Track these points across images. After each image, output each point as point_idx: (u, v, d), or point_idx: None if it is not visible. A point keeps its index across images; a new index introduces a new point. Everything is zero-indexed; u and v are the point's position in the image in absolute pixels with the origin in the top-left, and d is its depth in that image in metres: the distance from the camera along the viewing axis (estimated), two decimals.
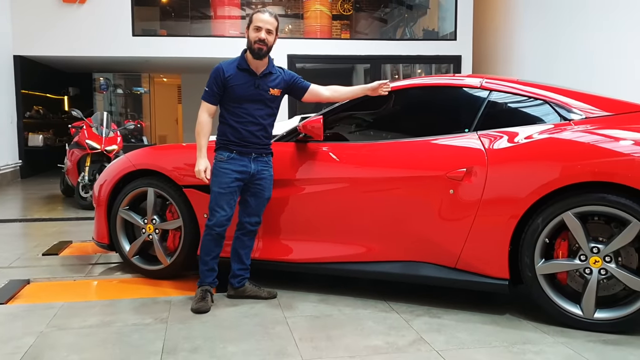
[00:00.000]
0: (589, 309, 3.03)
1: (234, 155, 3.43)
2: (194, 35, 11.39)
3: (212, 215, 3.43)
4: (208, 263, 3.50)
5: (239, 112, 3.44)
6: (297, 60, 11.40)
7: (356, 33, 12.93)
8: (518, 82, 3.54)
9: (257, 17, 3.46)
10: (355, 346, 2.87)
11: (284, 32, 12.78)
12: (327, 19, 11.91)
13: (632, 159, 2.93)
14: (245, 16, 12.01)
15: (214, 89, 3.44)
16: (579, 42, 10.20)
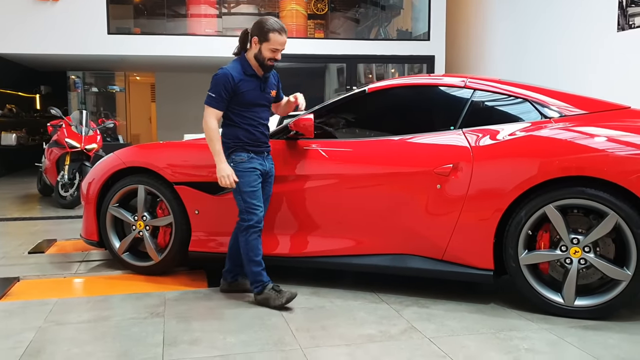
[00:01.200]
0: (569, 297, 3.20)
1: (252, 155, 3.46)
2: (169, 33, 11.36)
3: (252, 214, 3.40)
4: (261, 263, 3.45)
5: (249, 115, 3.46)
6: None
7: (330, 33, 13.06)
8: (500, 82, 3.70)
9: (276, 38, 3.40)
10: (349, 335, 2.99)
11: None
12: (303, 18, 12.02)
13: (607, 154, 3.11)
14: (221, 15, 12.04)
15: (223, 95, 3.39)
16: (548, 42, 10.51)
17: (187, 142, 4.41)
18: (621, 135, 3.17)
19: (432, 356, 2.73)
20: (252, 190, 3.42)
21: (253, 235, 3.41)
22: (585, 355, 2.72)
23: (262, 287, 3.43)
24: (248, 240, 3.41)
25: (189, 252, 4.04)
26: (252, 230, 3.41)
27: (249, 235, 3.41)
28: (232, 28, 12.33)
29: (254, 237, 3.41)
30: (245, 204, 3.42)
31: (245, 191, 3.42)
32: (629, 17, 9.02)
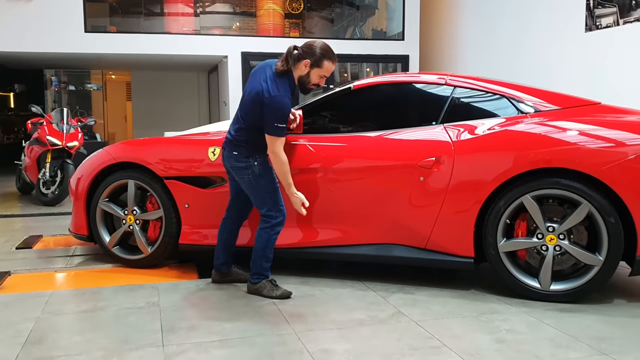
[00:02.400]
0: (546, 282, 3.39)
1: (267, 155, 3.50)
2: (146, 31, 11.37)
3: (279, 211, 3.47)
4: (270, 259, 3.54)
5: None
6: (251, 58, 11.57)
7: (306, 32, 13.19)
8: (478, 79, 3.89)
9: (328, 67, 3.44)
10: (341, 320, 3.14)
11: (233, 29, 12.91)
12: (280, 17, 12.13)
13: (580, 147, 3.32)
14: (199, 13, 12.09)
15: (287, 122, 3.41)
16: (519, 42, 10.81)
17: (176, 138, 4.51)
18: (593, 129, 3.38)
19: (420, 337, 2.89)
20: (278, 186, 3.50)
21: (276, 235, 3.48)
22: (561, 334, 2.91)
23: (260, 278, 3.55)
24: (270, 237, 3.47)
25: (179, 245, 4.14)
26: (277, 229, 3.48)
27: (273, 232, 3.47)
28: (208, 27, 12.39)
29: (275, 236, 3.49)
30: (274, 201, 3.47)
31: (274, 188, 3.49)
32: (596, 18, 9.35)
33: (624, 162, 3.22)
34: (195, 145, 4.16)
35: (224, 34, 12.25)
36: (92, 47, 10.73)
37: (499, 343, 2.81)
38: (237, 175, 3.54)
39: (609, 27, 9.12)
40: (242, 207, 3.73)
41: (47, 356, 2.68)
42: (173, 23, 11.66)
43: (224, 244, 3.75)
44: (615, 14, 8.95)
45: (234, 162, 3.51)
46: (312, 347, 2.76)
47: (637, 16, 8.62)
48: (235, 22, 13.00)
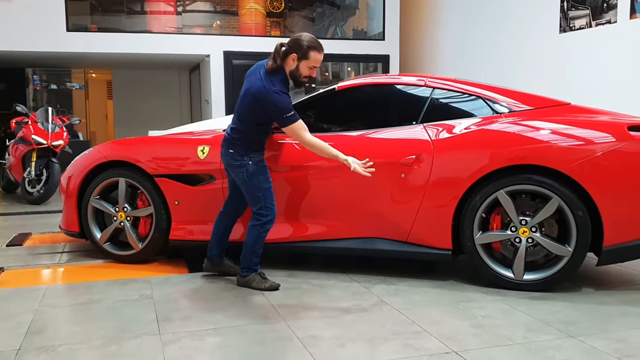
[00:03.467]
0: (519, 272, 3.61)
1: (263, 154, 3.70)
2: (129, 30, 11.43)
3: (270, 210, 3.61)
4: (259, 254, 3.69)
5: (272, 125, 3.71)
6: (233, 57, 11.69)
7: (287, 31, 13.34)
8: (456, 81, 4.09)
9: (315, 57, 3.53)
10: (327, 309, 3.32)
11: (214, 27, 13.01)
12: (262, 17, 12.26)
13: (551, 145, 3.53)
14: (181, 12, 12.17)
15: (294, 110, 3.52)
16: (496, 43, 11.08)
17: (165, 137, 4.65)
18: (563, 128, 3.60)
19: (402, 324, 3.08)
20: (270, 186, 3.63)
21: (265, 232, 3.64)
22: (533, 320, 3.12)
23: (249, 272, 3.70)
24: (260, 234, 3.63)
25: (170, 241, 4.28)
26: (268, 227, 3.63)
27: (263, 230, 3.62)
28: (190, 25, 12.48)
29: (265, 233, 3.64)
30: (266, 199, 3.60)
31: (266, 187, 3.62)
32: (569, 20, 9.65)
33: (592, 159, 3.44)
34: (185, 144, 4.31)
35: (207, 33, 12.36)
36: (74, 46, 10.76)
37: (476, 328, 3.02)
38: (233, 173, 3.68)
39: (582, 29, 9.42)
40: (237, 204, 3.85)
41: (49, 345, 2.82)
42: (155, 22, 11.74)
43: (218, 238, 3.88)
44: (588, 16, 9.25)
45: (230, 160, 3.66)
46: (301, 334, 2.94)
47: (608, 18, 8.92)
48: (217, 21, 13.11)
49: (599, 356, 2.65)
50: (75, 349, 2.78)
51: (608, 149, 3.45)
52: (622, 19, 8.73)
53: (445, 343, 2.81)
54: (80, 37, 10.84)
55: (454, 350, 2.73)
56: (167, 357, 2.67)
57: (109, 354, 2.72)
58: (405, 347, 2.77)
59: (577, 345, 2.78)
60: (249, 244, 3.67)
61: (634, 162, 3.46)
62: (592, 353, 2.69)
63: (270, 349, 2.78)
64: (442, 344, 2.80)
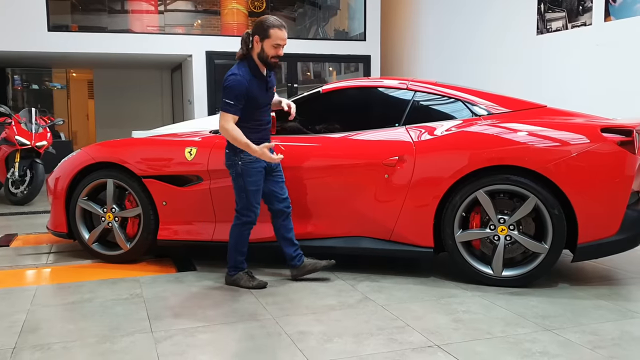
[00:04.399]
0: (498, 269, 3.75)
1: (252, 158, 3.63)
2: (111, 30, 11.42)
3: (251, 211, 3.68)
4: (245, 253, 3.79)
5: (258, 116, 3.66)
6: (215, 57, 11.73)
7: None
8: (436, 84, 4.22)
9: (276, 34, 3.54)
10: (314, 305, 3.43)
11: (195, 26, 13.02)
12: (244, 17, 12.32)
13: (528, 146, 3.68)
14: (163, 11, 12.19)
15: (240, 100, 3.53)
16: (476, 44, 11.28)
17: (153, 138, 4.71)
18: (539, 130, 3.74)
19: (386, 319, 3.20)
20: (256, 189, 3.68)
21: (247, 231, 3.74)
22: (511, 314, 3.26)
23: (237, 271, 3.80)
24: (241, 233, 3.73)
25: (158, 241, 4.36)
26: (248, 227, 3.73)
27: (244, 229, 3.72)
28: (172, 25, 12.50)
29: (247, 232, 3.74)
30: (248, 201, 3.67)
31: (251, 190, 3.66)
32: (547, 22, 9.87)
33: (567, 159, 3.59)
34: (172, 145, 4.39)
35: (189, 33, 12.39)
36: (56, 45, 10.73)
37: (456, 322, 3.15)
38: (229, 172, 3.75)
39: (559, 31, 9.64)
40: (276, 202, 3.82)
41: (44, 343, 2.89)
42: (137, 21, 11.74)
43: (282, 240, 3.88)
44: (564, 18, 9.47)
45: (226, 159, 3.74)
46: (289, 330, 3.04)
47: (583, 21, 9.15)
48: (199, 21, 13.13)
49: (573, 348, 2.80)
50: (70, 346, 2.86)
51: (582, 150, 3.60)
52: (597, 21, 8.96)
53: (428, 337, 2.94)
54: (62, 37, 10.81)
55: (436, 344, 2.86)
56: (160, 354, 2.76)
57: (103, 351, 2.80)
58: (389, 341, 2.89)
59: (552, 337, 2.93)
60: (232, 244, 3.76)
61: (607, 162, 3.62)
62: (566, 345, 2.83)
63: (261, 345, 2.88)
64: (424, 338, 2.92)
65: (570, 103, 4.23)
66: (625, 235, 3.65)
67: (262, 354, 2.77)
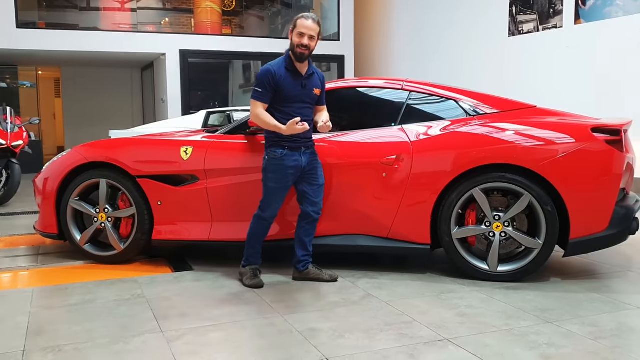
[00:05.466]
0: (493, 264, 3.86)
1: (286, 152, 3.66)
2: (83, 27, 11.23)
3: (268, 207, 3.72)
4: (256, 247, 3.82)
5: (289, 111, 3.65)
6: (189, 56, 11.66)
7: (237, 28, 13.36)
8: (430, 85, 4.31)
9: (301, 23, 3.63)
10: (319, 303, 3.47)
11: (163, 24, 12.90)
12: (218, 15, 12.26)
13: (522, 145, 3.79)
14: (135, 9, 12.03)
15: (267, 88, 3.62)
16: (449, 45, 11.47)
17: (148, 138, 4.68)
18: (532, 129, 3.86)
19: (392, 315, 3.27)
20: (277, 187, 3.70)
21: (262, 225, 3.78)
22: (510, 307, 3.37)
23: (247, 263, 3.82)
24: (257, 226, 3.79)
25: (152, 240, 4.34)
26: (264, 222, 3.77)
27: (260, 224, 3.78)
28: (145, 23, 12.35)
29: (262, 227, 3.78)
30: (266, 197, 3.72)
31: (270, 186, 3.71)
32: (518, 24, 10.11)
33: (560, 158, 3.72)
34: (168, 145, 4.37)
35: (163, 31, 12.26)
36: (25, 43, 10.51)
37: (461, 317, 3.23)
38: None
39: (530, 33, 9.89)
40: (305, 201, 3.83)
41: (54, 345, 2.86)
42: (109, 19, 11.57)
43: (298, 241, 3.90)
44: (536, 20, 9.72)
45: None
46: (299, 327, 3.08)
47: (554, 23, 9.40)
48: (166, 19, 13.00)
49: (576, 339, 2.91)
50: (82, 348, 2.84)
51: (574, 149, 3.74)
52: (568, 24, 9.23)
53: (436, 332, 3.01)
54: (31, 34, 10.60)
55: (445, 337, 2.94)
56: (175, 353, 2.77)
57: (116, 352, 2.79)
58: (400, 336, 2.96)
59: (554, 330, 3.04)
60: (248, 234, 3.83)
61: (597, 160, 3.76)
62: (569, 336, 2.94)
63: (274, 343, 2.91)
64: (433, 333, 3.00)
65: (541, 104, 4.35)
66: (615, 231, 3.80)
67: (277, 351, 2.80)
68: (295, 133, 3.56)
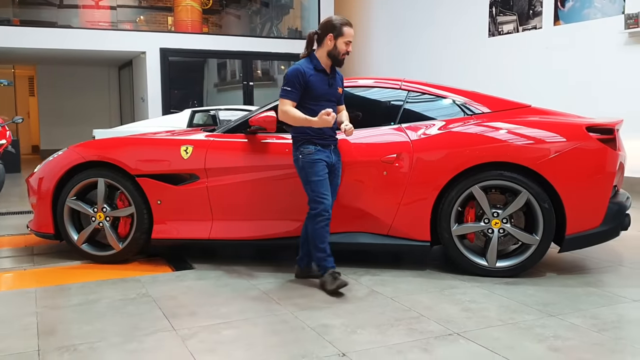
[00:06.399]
0: (492, 260, 3.95)
1: (319, 148, 3.70)
2: (63, 25, 11.07)
3: (319, 202, 3.64)
4: (326, 250, 3.68)
5: (317, 109, 3.65)
6: (170, 54, 11.57)
7: (213, 26, 13.31)
8: (427, 84, 4.39)
9: (348, 31, 3.72)
10: (326, 299, 3.52)
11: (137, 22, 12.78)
12: (198, 14, 12.20)
13: (520, 144, 3.89)
14: (114, 7, 11.89)
15: (297, 87, 3.67)
16: (430, 45, 11.59)
17: (146, 137, 4.67)
18: (529, 128, 3.96)
19: (399, 310, 3.33)
20: (319, 179, 3.66)
21: (320, 224, 3.65)
22: (514, 302, 3.46)
23: (324, 270, 3.70)
24: (315, 227, 3.66)
25: (152, 240, 4.33)
26: (320, 219, 3.64)
27: (316, 223, 3.66)
28: (125, 21, 12.22)
29: (321, 225, 3.65)
30: (313, 192, 3.66)
31: (313, 180, 3.66)
32: (498, 25, 10.28)
33: (557, 156, 3.83)
34: (168, 144, 4.36)
35: (143, 29, 12.14)
36: (2, 40, 10.31)
37: (466, 311, 3.31)
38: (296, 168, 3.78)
39: (510, 34, 10.07)
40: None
41: (68, 344, 2.85)
42: (88, 16, 11.43)
43: (302, 240, 3.89)
44: (515, 21, 9.90)
45: (292, 156, 3.78)
46: (310, 324, 3.12)
47: (534, 24, 9.59)
48: (148, 17, 12.89)
49: (580, 331, 3.01)
50: (96, 347, 2.83)
51: (570, 147, 3.85)
52: (547, 25, 9.43)
53: (445, 326, 3.09)
54: (6, 31, 10.39)
55: (455, 332, 3.01)
56: (192, 351, 2.78)
57: (132, 350, 2.79)
58: (411, 331, 3.02)
59: (558, 323, 3.13)
60: (310, 240, 3.74)
61: (592, 158, 3.88)
62: (574, 329, 3.04)
63: (288, 339, 2.94)
64: (442, 327, 3.07)
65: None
66: (608, 227, 3.93)
67: (293, 347, 2.83)
68: (326, 125, 3.59)
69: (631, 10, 7.88)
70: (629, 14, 7.85)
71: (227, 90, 13.33)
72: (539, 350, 2.78)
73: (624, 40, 8.05)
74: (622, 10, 8.07)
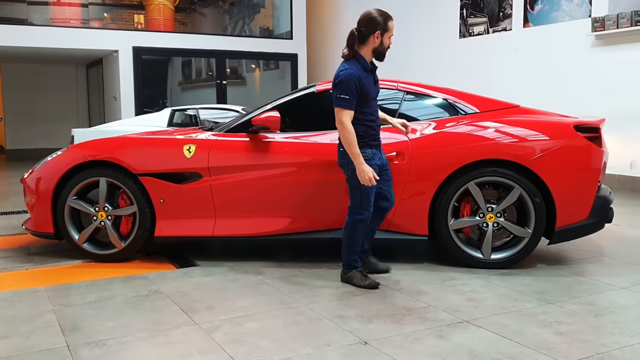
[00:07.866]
0: (487, 252, 4.16)
1: (374, 151, 3.68)
2: (31, 21, 10.88)
3: (365, 210, 3.64)
4: (358, 252, 3.79)
5: (368, 110, 3.64)
6: (143, 53, 11.50)
7: (180, 25, 13.27)
8: (422, 85, 4.57)
9: (392, 24, 3.66)
10: (337, 292, 3.66)
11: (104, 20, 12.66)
12: (170, 12, 12.16)
13: (513, 142, 4.10)
14: (86, 4, 11.73)
15: (355, 94, 3.52)
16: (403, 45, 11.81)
17: (148, 137, 4.72)
18: (521, 127, 4.18)
19: (407, 301, 3.50)
20: (371, 188, 3.62)
21: (361, 230, 3.71)
22: (513, 291, 3.66)
23: (350, 269, 3.80)
24: (354, 232, 3.70)
25: (155, 238, 4.39)
26: (361, 225, 3.69)
27: (357, 228, 3.69)
28: (96, 19, 12.08)
29: (360, 230, 3.71)
30: (362, 200, 3.63)
31: (365, 187, 3.59)
32: (469, 27, 10.57)
33: (547, 154, 4.05)
34: (170, 144, 4.43)
35: (114, 27, 12.03)
36: None
37: (470, 301, 3.50)
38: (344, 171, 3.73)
39: (481, 35, 10.38)
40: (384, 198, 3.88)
41: (96, 340, 2.91)
42: (59, 13, 11.26)
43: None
44: (486, 23, 10.21)
45: (339, 159, 3.71)
46: (327, 315, 3.26)
47: (504, 26, 9.91)
48: (106, 14, 12.76)
49: (580, 317, 3.23)
50: (124, 341, 2.91)
51: (560, 145, 4.09)
52: (517, 27, 9.75)
53: (454, 314, 3.27)
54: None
55: (465, 320, 3.19)
56: (219, 342, 2.88)
57: (160, 344, 2.88)
58: (423, 319, 3.19)
59: (558, 309, 3.35)
60: (345, 242, 3.77)
61: (580, 155, 4.13)
62: (573, 315, 3.26)
63: (309, 329, 3.07)
64: (452, 316, 3.25)
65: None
66: (594, 220, 4.19)
67: (316, 337, 2.96)
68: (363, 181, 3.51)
69: (597, 14, 8.25)
70: (596, 17, 8.22)
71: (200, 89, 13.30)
72: (546, 334, 2.98)
73: (591, 43, 8.42)
74: (588, 13, 8.45)
